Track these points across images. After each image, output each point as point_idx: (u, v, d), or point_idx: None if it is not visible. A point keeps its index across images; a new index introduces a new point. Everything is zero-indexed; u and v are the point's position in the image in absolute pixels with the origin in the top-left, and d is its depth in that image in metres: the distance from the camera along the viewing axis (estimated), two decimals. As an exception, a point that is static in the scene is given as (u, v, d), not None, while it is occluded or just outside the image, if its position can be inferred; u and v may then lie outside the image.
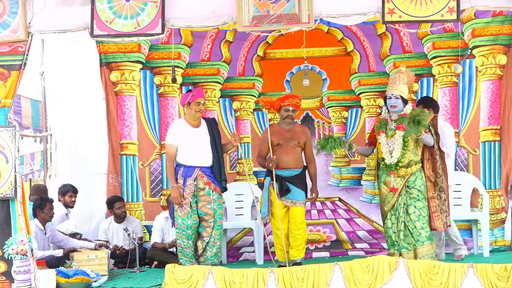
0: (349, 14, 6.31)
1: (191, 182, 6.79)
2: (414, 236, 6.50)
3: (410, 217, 6.52)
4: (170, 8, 6.31)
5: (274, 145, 6.97)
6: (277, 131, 7.03)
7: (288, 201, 6.92)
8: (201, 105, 6.83)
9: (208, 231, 6.80)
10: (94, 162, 8.50)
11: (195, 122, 6.93)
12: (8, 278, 6.22)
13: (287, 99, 6.97)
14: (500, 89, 8.15)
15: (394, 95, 6.56)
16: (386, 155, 6.54)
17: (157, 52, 8.49)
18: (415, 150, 6.56)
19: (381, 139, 6.60)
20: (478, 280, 5.70)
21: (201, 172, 6.81)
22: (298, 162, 7.01)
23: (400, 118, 6.55)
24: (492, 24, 8.07)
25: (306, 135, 7.10)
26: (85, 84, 8.44)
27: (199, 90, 7.05)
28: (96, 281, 6.51)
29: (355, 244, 8.34)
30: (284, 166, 6.94)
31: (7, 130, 6.26)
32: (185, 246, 6.82)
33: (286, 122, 7.01)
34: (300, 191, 6.93)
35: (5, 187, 6.21)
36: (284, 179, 6.90)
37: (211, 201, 6.81)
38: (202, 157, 6.84)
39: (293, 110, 6.98)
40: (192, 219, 6.77)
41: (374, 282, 5.82)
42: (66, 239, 7.50)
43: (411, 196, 6.54)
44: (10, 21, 6.33)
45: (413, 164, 6.55)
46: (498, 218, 8.10)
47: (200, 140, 6.87)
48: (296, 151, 7.00)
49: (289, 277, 5.92)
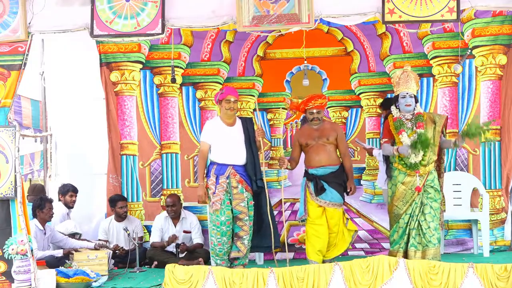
0: (349, 14, 6.31)
1: (223, 180, 6.77)
2: (427, 236, 6.43)
3: (425, 217, 6.46)
4: (170, 8, 6.31)
5: (304, 146, 7.01)
6: (306, 132, 7.07)
7: (322, 202, 6.90)
8: (232, 103, 6.81)
9: (246, 229, 6.76)
10: (94, 162, 8.50)
11: (229, 120, 6.92)
12: (8, 278, 6.22)
13: (309, 102, 6.97)
14: (500, 89, 8.15)
15: (409, 94, 6.54)
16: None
17: (157, 52, 8.49)
18: (434, 149, 6.53)
19: (403, 138, 6.51)
20: (478, 280, 5.70)
21: (234, 171, 6.80)
22: (332, 160, 6.98)
23: (418, 116, 6.52)
24: (492, 24, 8.07)
25: (336, 131, 7.07)
26: (85, 84, 8.44)
27: (229, 88, 7.03)
28: (96, 281, 6.51)
29: (355, 244, 8.33)
30: (317, 164, 6.93)
31: (7, 130, 6.26)
32: (218, 243, 6.74)
33: (314, 124, 7.03)
34: (334, 193, 6.90)
35: (5, 187, 6.21)
36: (319, 178, 6.89)
37: (245, 199, 6.79)
38: (235, 155, 6.83)
39: (318, 112, 6.97)
40: (226, 215, 6.72)
41: (374, 282, 5.82)
42: (65, 239, 7.50)
43: (428, 196, 6.49)
44: (10, 21, 6.34)
45: (431, 163, 6.53)
46: (498, 218, 8.10)
47: (234, 139, 6.86)
48: (327, 149, 6.98)
49: (289, 277, 5.92)
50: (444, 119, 6.63)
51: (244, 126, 6.98)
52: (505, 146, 8.11)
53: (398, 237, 6.56)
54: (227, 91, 6.88)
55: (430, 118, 6.61)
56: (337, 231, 6.97)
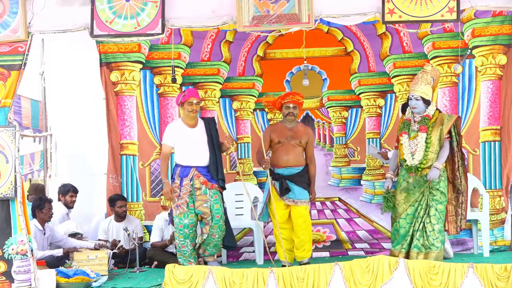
0: (349, 14, 6.31)
1: (187, 182, 6.84)
2: (430, 239, 6.40)
3: (430, 219, 6.43)
4: (170, 8, 6.31)
5: (275, 143, 6.98)
6: (279, 130, 7.03)
7: (290, 200, 6.90)
8: (194, 105, 6.85)
9: (207, 228, 6.86)
10: (94, 162, 8.50)
11: (191, 122, 6.95)
12: (8, 278, 6.22)
13: (287, 96, 6.98)
14: (500, 89, 8.15)
15: (414, 96, 6.49)
16: (407, 157, 6.47)
17: (157, 52, 8.49)
18: (439, 152, 6.48)
19: (403, 140, 6.53)
20: (478, 280, 5.69)
21: (197, 172, 6.85)
22: (299, 161, 6.99)
23: (423, 119, 6.50)
24: (492, 24, 8.07)
25: (308, 134, 7.08)
26: (85, 84, 8.43)
27: (192, 90, 7.07)
28: (96, 281, 6.51)
29: (355, 244, 8.34)
30: (284, 164, 6.93)
31: (7, 130, 6.25)
32: (182, 245, 6.87)
33: (288, 120, 7.00)
34: (302, 190, 6.90)
35: (5, 187, 6.21)
36: (284, 178, 6.89)
37: (207, 200, 6.84)
38: (198, 157, 6.86)
39: (294, 107, 6.96)
40: (189, 218, 6.82)
41: (374, 282, 5.82)
42: (65, 239, 7.50)
43: (434, 198, 6.45)
44: (10, 21, 6.33)
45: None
46: (498, 218, 8.10)
47: (196, 140, 6.89)
48: (297, 150, 6.98)
49: (289, 277, 5.92)
50: (452, 120, 6.54)
51: (206, 126, 7.01)
52: (505, 146, 8.11)
53: (400, 238, 6.53)
54: (189, 93, 6.90)
55: (440, 120, 6.53)
56: (305, 228, 6.87)
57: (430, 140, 6.45)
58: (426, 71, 6.56)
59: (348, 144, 8.53)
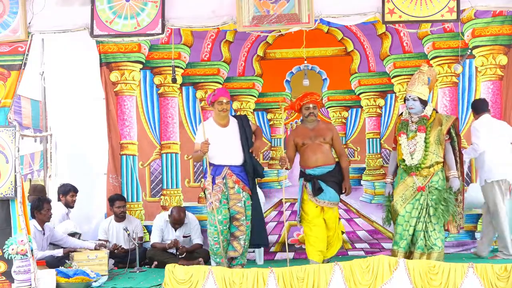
0: (349, 14, 6.31)
1: (220, 180, 6.79)
2: (432, 239, 6.43)
3: (431, 219, 6.46)
4: (170, 8, 6.31)
5: (300, 146, 7.00)
6: (301, 132, 7.05)
7: (321, 202, 6.90)
8: (224, 104, 6.83)
9: (242, 229, 6.78)
10: (94, 162, 8.50)
11: (222, 122, 6.92)
12: (8, 278, 6.21)
13: (305, 97, 7.00)
14: (501, 90, 8.15)
15: (411, 96, 6.53)
16: (406, 157, 6.49)
17: (157, 52, 8.49)
18: (437, 151, 6.50)
19: (402, 140, 6.55)
20: (478, 280, 5.69)
21: (230, 171, 6.80)
22: (328, 159, 6.98)
23: (421, 120, 6.52)
24: (492, 24, 8.07)
25: (331, 130, 7.08)
26: (85, 84, 8.44)
27: (221, 90, 7.03)
28: (96, 281, 6.50)
29: (355, 244, 8.34)
30: (314, 164, 6.93)
31: (7, 130, 6.25)
32: (215, 242, 6.76)
33: (309, 121, 7.01)
34: (332, 192, 6.91)
35: (5, 187, 6.20)
36: (316, 178, 6.88)
37: (241, 199, 6.79)
38: (231, 156, 6.82)
39: (314, 107, 6.98)
40: (223, 214, 6.74)
41: (374, 282, 5.82)
42: (65, 238, 7.50)
43: (433, 198, 6.47)
44: (10, 21, 6.33)
45: (435, 165, 6.50)
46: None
47: (228, 139, 6.85)
48: (323, 148, 6.97)
49: (289, 277, 5.91)
50: (451, 120, 6.59)
51: (239, 124, 6.98)
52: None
53: (398, 238, 6.55)
54: (219, 92, 6.88)
55: (438, 120, 6.56)
56: (334, 229, 6.99)
57: (429, 140, 6.47)
58: (423, 72, 6.58)
59: (348, 144, 8.53)
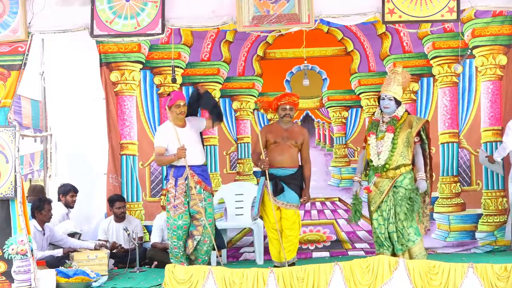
0: (349, 14, 6.30)
1: (182, 181, 6.79)
2: (405, 236, 6.44)
3: (399, 217, 6.47)
4: (170, 8, 6.31)
5: (270, 143, 6.95)
6: (275, 130, 7.00)
7: (280, 202, 6.86)
8: (182, 107, 6.81)
9: (200, 230, 6.79)
10: (94, 162, 8.50)
11: (180, 123, 6.92)
12: (8, 278, 6.21)
13: (283, 97, 6.94)
14: (501, 90, 8.15)
15: (387, 96, 6.53)
16: (373, 157, 6.50)
17: (157, 52, 8.49)
18: (405, 154, 6.49)
19: (371, 140, 6.56)
20: (478, 280, 5.69)
21: (192, 171, 6.81)
22: (293, 162, 6.95)
23: (391, 120, 6.52)
24: (492, 24, 8.07)
25: (303, 135, 7.04)
26: (85, 84, 8.43)
27: (177, 93, 6.98)
28: (96, 281, 6.51)
29: (355, 244, 8.34)
30: (279, 165, 6.90)
31: (7, 130, 6.25)
32: (174, 246, 6.82)
33: (285, 121, 6.98)
34: (293, 194, 6.87)
35: (5, 187, 6.20)
36: (278, 178, 6.86)
37: (202, 199, 6.81)
38: (191, 156, 6.81)
39: (290, 109, 6.93)
40: (183, 219, 6.78)
41: (374, 282, 5.81)
42: (65, 238, 7.50)
43: (398, 195, 6.47)
44: (10, 21, 6.33)
45: (402, 167, 6.49)
46: (501, 220, 8.09)
47: (187, 139, 6.84)
48: (292, 151, 6.94)
49: (289, 277, 5.91)
50: (421, 123, 6.57)
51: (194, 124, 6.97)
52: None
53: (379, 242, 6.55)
54: (175, 96, 6.84)
55: (409, 122, 6.56)
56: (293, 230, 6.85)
57: (396, 141, 6.47)
58: (397, 72, 6.60)
59: (348, 144, 8.53)
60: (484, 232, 8.10)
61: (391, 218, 6.47)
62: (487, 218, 8.12)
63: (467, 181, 8.24)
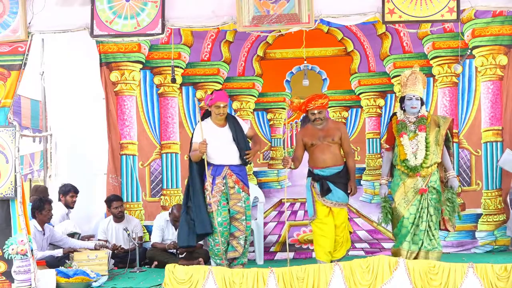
0: (349, 14, 6.30)
1: (220, 180, 6.75)
2: (436, 238, 6.47)
3: (432, 218, 6.48)
4: (170, 8, 6.30)
5: (309, 146, 6.93)
6: (310, 132, 6.98)
7: (328, 202, 6.83)
8: (221, 109, 6.79)
9: (242, 229, 6.76)
10: (94, 162, 8.50)
11: (220, 122, 6.90)
12: (8, 278, 6.21)
13: (310, 102, 6.88)
14: (501, 90, 8.15)
15: (415, 96, 6.52)
16: (410, 157, 6.47)
17: (157, 52, 8.49)
18: (436, 152, 6.52)
19: (404, 141, 6.52)
20: (478, 280, 5.69)
21: (230, 171, 6.77)
22: (337, 160, 6.92)
23: (421, 119, 6.53)
24: (492, 25, 8.07)
25: (340, 130, 6.99)
26: (85, 84, 8.44)
27: (219, 94, 6.92)
28: (96, 281, 6.51)
29: (355, 244, 8.33)
30: (323, 165, 6.86)
31: (7, 130, 6.25)
32: (216, 244, 6.74)
33: (317, 124, 6.95)
34: (341, 193, 6.85)
35: (5, 187, 6.20)
36: (325, 179, 6.83)
37: (241, 199, 6.78)
38: (230, 155, 6.79)
39: (319, 112, 6.88)
40: (222, 216, 6.72)
41: (374, 282, 5.82)
42: (65, 239, 7.50)
43: (432, 197, 6.49)
44: (10, 21, 6.33)
45: (433, 165, 6.51)
46: (500, 219, 8.09)
47: (226, 139, 6.82)
48: (332, 149, 6.90)
49: (289, 277, 5.91)
50: (448, 122, 6.62)
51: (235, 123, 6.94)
52: (507, 147, 8.09)
53: (402, 236, 6.54)
54: (216, 97, 6.82)
55: (434, 121, 6.59)
56: (343, 230, 6.92)
57: (429, 139, 6.49)
58: (417, 72, 6.62)
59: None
60: (484, 231, 8.10)
61: (424, 217, 6.46)
62: (486, 218, 8.13)
63: (467, 181, 8.24)
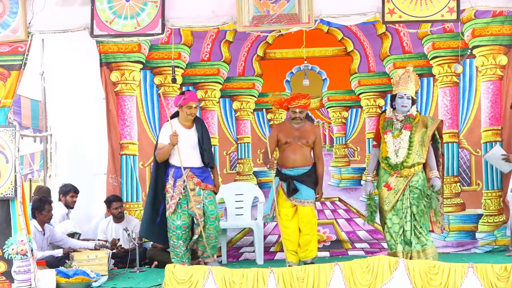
0: (349, 14, 6.30)
1: (180, 183, 6.81)
2: (424, 235, 6.47)
3: (415, 217, 6.49)
4: (170, 8, 6.31)
5: (282, 143, 6.94)
6: (286, 129, 6.98)
7: (296, 201, 6.86)
8: (193, 109, 6.84)
9: (199, 229, 6.84)
10: (94, 162, 8.49)
11: (187, 124, 6.93)
12: (8, 278, 6.21)
13: (293, 100, 6.88)
14: (501, 90, 8.15)
15: (406, 95, 6.53)
16: (391, 155, 6.50)
17: (157, 52, 8.49)
18: (420, 152, 6.52)
19: (388, 138, 6.55)
20: (478, 280, 5.69)
21: (191, 173, 6.82)
22: (306, 160, 6.94)
23: (408, 118, 6.53)
24: (492, 25, 8.07)
25: (315, 133, 7.01)
26: (85, 84, 8.44)
27: (192, 94, 7.02)
28: (96, 281, 6.50)
29: (355, 244, 8.34)
30: (292, 165, 6.89)
31: (7, 130, 6.25)
32: (175, 246, 6.90)
33: (295, 122, 6.96)
34: (309, 190, 6.86)
35: (5, 187, 6.20)
36: (292, 178, 6.84)
37: (201, 201, 6.83)
38: (192, 158, 6.83)
39: (300, 112, 6.89)
40: (182, 219, 6.82)
41: (374, 282, 5.81)
42: (65, 239, 7.50)
43: (414, 196, 6.50)
44: (10, 21, 6.33)
45: (416, 165, 6.52)
46: (500, 219, 8.09)
47: (191, 141, 6.86)
48: (304, 150, 6.92)
49: (289, 277, 5.91)
50: (437, 123, 6.62)
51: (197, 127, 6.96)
52: (506, 146, 8.10)
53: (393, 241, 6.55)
54: (189, 97, 6.86)
55: (422, 121, 6.59)
56: (311, 228, 6.86)
57: (413, 139, 6.50)
58: (410, 71, 6.62)
59: (348, 144, 8.54)
60: (484, 232, 8.10)
61: (408, 217, 6.47)
62: (487, 218, 8.12)
63: (467, 181, 8.24)
